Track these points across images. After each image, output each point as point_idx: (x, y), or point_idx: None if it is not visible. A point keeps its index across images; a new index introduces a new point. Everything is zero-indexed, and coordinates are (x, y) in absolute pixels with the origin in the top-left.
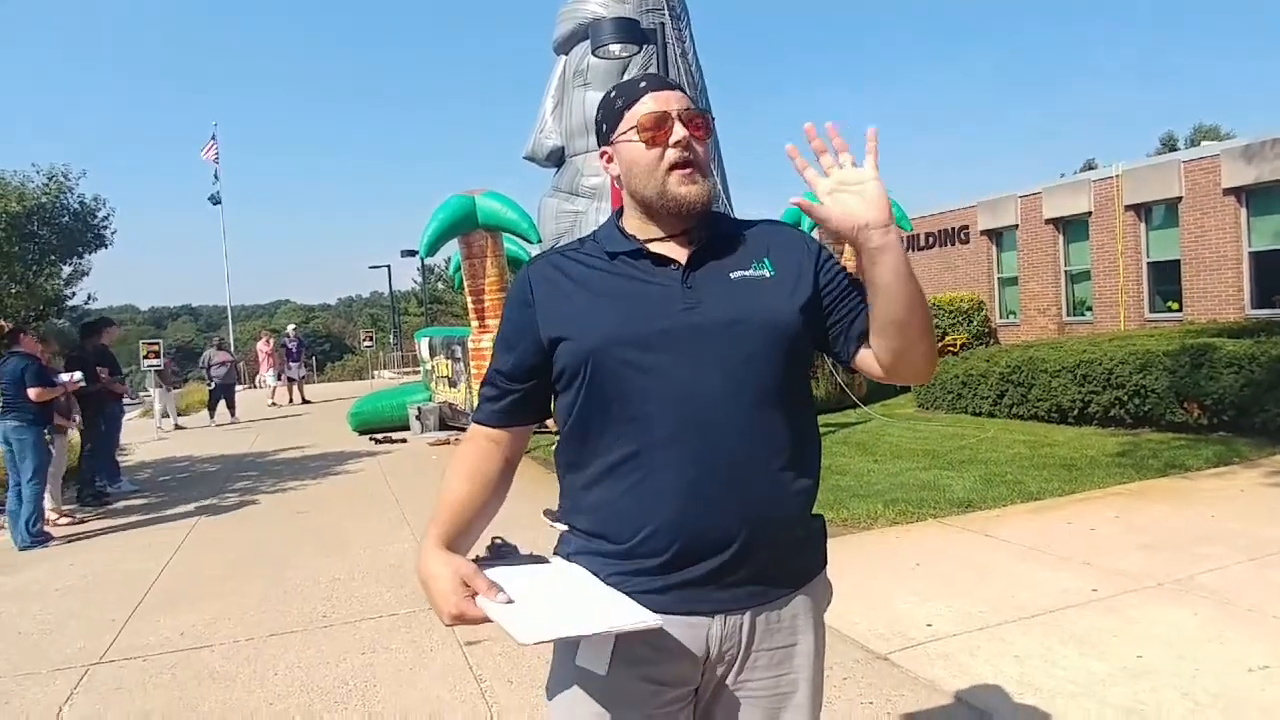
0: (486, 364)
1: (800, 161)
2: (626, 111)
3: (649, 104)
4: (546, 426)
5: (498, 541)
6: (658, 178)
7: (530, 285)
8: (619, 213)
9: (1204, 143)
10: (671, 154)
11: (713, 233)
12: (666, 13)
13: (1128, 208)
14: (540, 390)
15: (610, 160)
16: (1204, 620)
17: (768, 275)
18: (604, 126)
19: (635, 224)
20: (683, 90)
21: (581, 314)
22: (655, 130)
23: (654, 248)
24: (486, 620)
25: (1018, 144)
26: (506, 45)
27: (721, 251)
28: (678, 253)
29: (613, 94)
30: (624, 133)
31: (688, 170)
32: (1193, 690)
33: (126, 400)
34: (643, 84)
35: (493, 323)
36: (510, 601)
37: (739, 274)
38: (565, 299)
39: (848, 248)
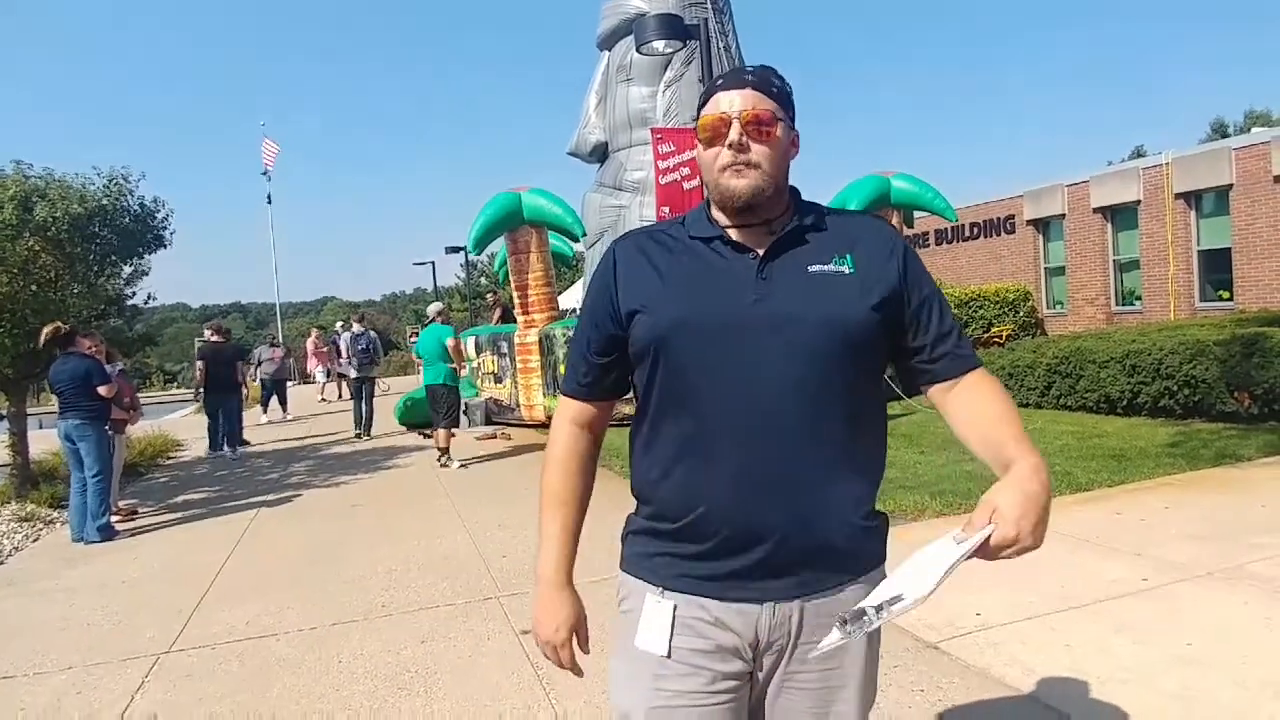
0: (532, 358)
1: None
2: (701, 110)
3: (714, 105)
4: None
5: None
6: (713, 175)
7: (615, 260)
8: (708, 201)
9: (1254, 129)
10: (725, 155)
11: (797, 223)
12: (709, 6)
13: (1178, 196)
14: (623, 363)
15: None
16: (1254, 609)
17: (846, 272)
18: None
19: (718, 212)
20: (763, 83)
21: (656, 294)
22: (711, 134)
23: (735, 235)
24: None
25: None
26: (552, 40)
27: (803, 243)
28: (758, 241)
29: (703, 90)
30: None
31: (738, 166)
32: (1243, 677)
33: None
34: (719, 81)
35: (539, 317)
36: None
37: (817, 268)
38: (643, 277)
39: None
